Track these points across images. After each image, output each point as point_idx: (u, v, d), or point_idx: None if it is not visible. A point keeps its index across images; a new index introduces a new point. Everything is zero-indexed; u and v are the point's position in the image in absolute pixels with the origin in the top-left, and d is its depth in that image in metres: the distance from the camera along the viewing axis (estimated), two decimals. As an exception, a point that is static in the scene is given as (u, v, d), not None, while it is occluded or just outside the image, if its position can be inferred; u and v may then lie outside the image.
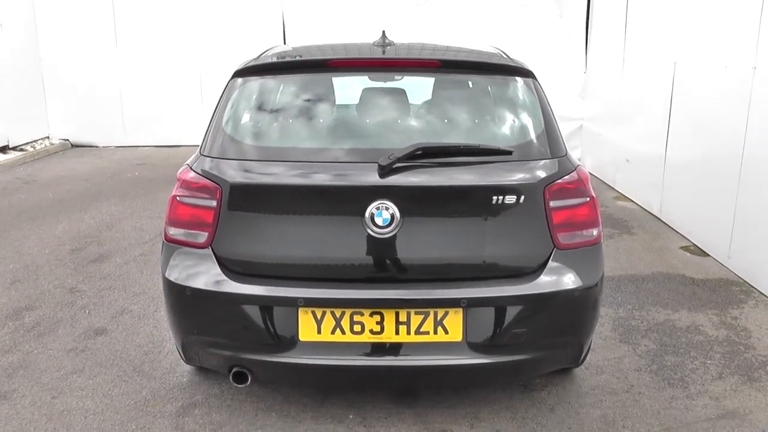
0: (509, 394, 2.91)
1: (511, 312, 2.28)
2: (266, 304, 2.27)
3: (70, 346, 3.41)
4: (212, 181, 2.32)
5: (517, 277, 2.32)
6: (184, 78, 9.22)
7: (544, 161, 2.37)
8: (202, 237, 2.34)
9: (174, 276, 2.36)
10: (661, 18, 5.69)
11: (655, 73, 5.71)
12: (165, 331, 3.55)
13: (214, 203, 2.31)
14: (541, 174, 2.33)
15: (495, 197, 2.26)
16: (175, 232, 2.42)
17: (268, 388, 2.93)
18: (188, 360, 2.59)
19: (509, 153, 2.34)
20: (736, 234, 4.33)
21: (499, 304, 2.27)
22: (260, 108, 2.55)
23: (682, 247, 4.94)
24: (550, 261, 2.34)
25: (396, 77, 2.80)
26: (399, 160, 2.20)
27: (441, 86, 2.63)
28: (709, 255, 4.72)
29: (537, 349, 2.37)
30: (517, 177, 2.32)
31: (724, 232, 4.44)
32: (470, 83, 2.63)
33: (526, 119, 2.48)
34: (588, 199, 2.41)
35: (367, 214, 2.23)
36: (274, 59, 2.68)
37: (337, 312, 2.25)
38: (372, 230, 2.23)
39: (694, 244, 4.95)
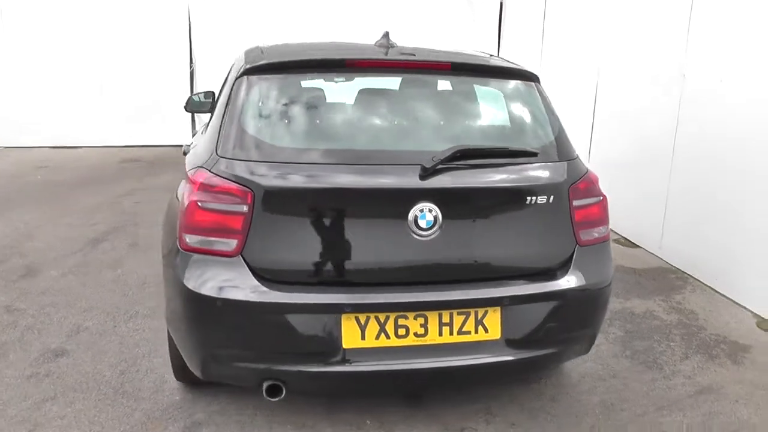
0: (509, 388, 3.00)
1: (545, 308, 2.36)
2: (308, 312, 2.18)
3: (28, 371, 3.07)
4: (242, 184, 2.19)
5: (546, 274, 2.41)
6: (83, 75, 8.54)
7: (564, 162, 2.48)
8: (231, 244, 2.20)
9: (199, 287, 2.20)
10: (584, 27, 6.08)
11: (576, 79, 6.09)
12: (135, 348, 3.30)
13: (245, 208, 2.18)
14: (565, 174, 2.44)
15: (528, 197, 2.34)
16: (194, 240, 2.26)
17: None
18: (206, 376, 2.43)
19: (535, 155, 2.43)
20: (667, 228, 4.75)
21: (535, 301, 2.34)
22: (282, 107, 2.43)
23: (612, 240, 5.33)
24: (574, 258, 2.45)
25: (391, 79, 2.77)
26: (441, 162, 2.21)
27: (457, 88, 2.65)
28: (639, 246, 5.13)
29: (564, 342, 2.47)
30: (546, 177, 2.41)
31: (655, 226, 4.84)
32: (484, 86, 2.67)
33: (541, 122, 2.57)
34: (601, 198, 2.55)
35: (410, 216, 2.21)
36: (289, 58, 2.57)
37: (381, 317, 2.22)
38: (415, 233, 2.22)
39: (624, 237, 5.35)
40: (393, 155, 2.32)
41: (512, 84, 2.66)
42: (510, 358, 2.35)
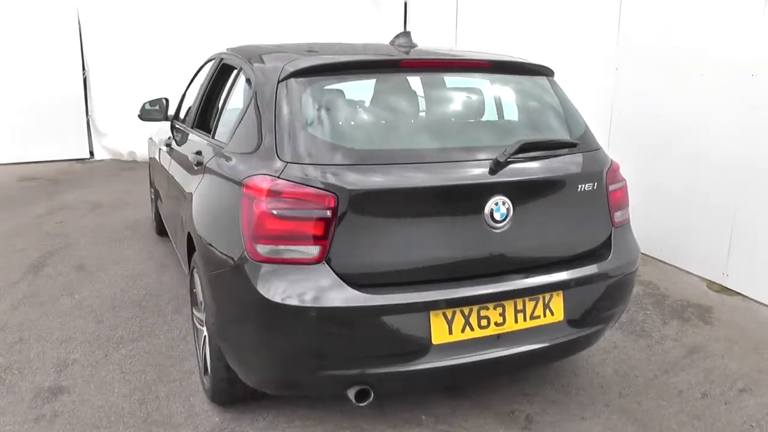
0: (534, 369, 3.15)
1: (599, 287, 2.52)
2: (401, 312, 2.17)
3: (31, 414, 2.75)
4: (324, 189, 2.14)
5: (593, 255, 2.58)
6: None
7: (596, 151, 2.66)
8: (314, 251, 2.14)
9: (285, 298, 2.11)
10: (503, 22, 6.41)
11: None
12: (141, 374, 3.07)
13: (328, 213, 2.12)
14: (602, 162, 2.62)
15: (579, 185, 2.49)
16: (268, 249, 2.15)
17: (317, 409, 2.76)
18: (282, 390, 2.37)
19: (575, 145, 2.59)
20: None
21: (592, 282, 2.49)
22: (342, 109, 2.38)
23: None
24: (612, 239, 2.64)
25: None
26: (511, 155, 2.29)
27: (495, 85, 2.73)
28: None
29: (608, 318, 2.65)
30: (591, 165, 2.57)
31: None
32: (518, 83, 2.77)
33: (570, 115, 2.72)
34: (624, 182, 2.76)
35: (486, 210, 2.27)
36: (337, 59, 2.52)
37: (466, 310, 2.26)
38: (490, 225, 2.29)
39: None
40: (459, 152, 2.36)
41: (540, 80, 2.79)
42: (572, 337, 2.49)
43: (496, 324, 2.32)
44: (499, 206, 2.28)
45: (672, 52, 4.48)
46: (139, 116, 4.27)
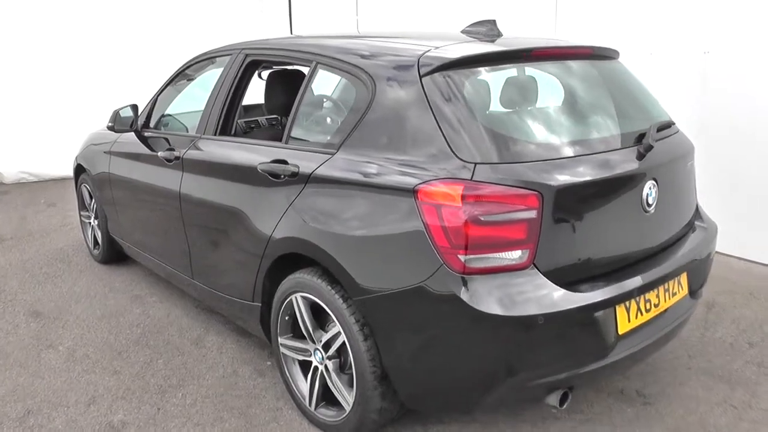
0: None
1: (707, 255, 2.65)
2: (606, 307, 2.09)
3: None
4: (527, 188, 1.97)
5: (694, 226, 2.69)
6: None
7: (680, 130, 2.79)
8: (524, 255, 1.98)
9: (508, 310, 1.93)
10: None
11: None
12: (222, 423, 2.66)
13: (534, 213, 1.97)
14: (689, 139, 2.75)
15: (688, 161, 2.60)
16: (475, 258, 1.96)
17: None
18: (475, 408, 2.19)
19: (670, 125, 2.69)
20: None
21: (705, 249, 2.61)
22: (502, 102, 2.22)
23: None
24: (699, 209, 2.80)
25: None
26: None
27: (597, 72, 2.68)
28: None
29: (703, 286, 2.80)
30: (688, 142, 2.68)
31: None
32: (615, 68, 2.72)
33: (648, 95, 2.79)
34: None
35: (644, 194, 2.27)
36: (479, 50, 2.31)
37: (639, 297, 2.25)
38: (645, 210, 2.29)
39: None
40: (615, 139, 2.33)
41: (621, 65, 2.80)
42: (692, 309, 2.60)
43: (655, 306, 2.34)
44: (651, 189, 2.30)
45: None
46: (111, 127, 3.64)
